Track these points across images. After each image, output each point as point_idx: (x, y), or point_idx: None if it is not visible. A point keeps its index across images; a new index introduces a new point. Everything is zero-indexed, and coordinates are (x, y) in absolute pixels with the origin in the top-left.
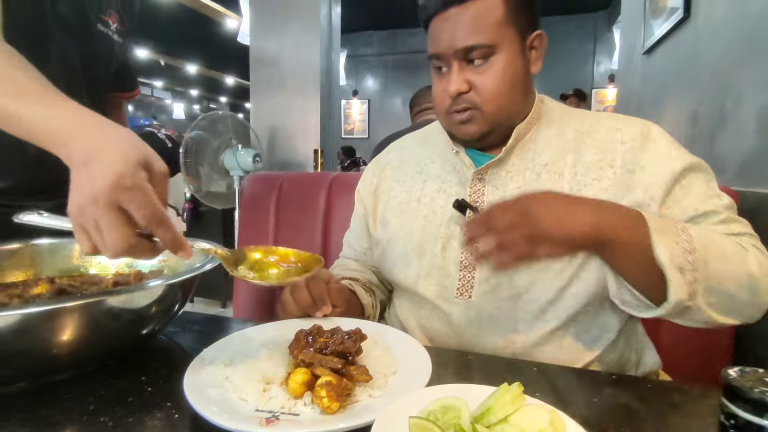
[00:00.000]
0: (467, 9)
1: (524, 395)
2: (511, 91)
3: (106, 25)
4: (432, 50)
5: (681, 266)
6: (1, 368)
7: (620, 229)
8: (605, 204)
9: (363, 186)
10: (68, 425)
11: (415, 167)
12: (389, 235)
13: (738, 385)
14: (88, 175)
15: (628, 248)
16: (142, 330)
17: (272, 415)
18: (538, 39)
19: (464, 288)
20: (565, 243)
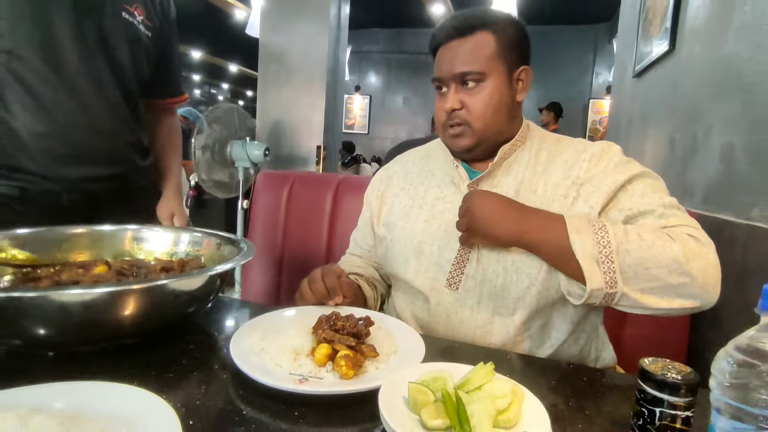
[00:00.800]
0: (466, 42)
1: (494, 372)
2: (496, 113)
3: (132, 15)
4: (436, 74)
5: (597, 259)
6: (91, 332)
7: (541, 231)
8: (532, 210)
9: (371, 191)
10: (143, 378)
11: (418, 178)
12: (393, 235)
13: (647, 369)
14: None
15: (550, 247)
16: (190, 308)
17: (302, 377)
18: (524, 73)
19: (453, 281)
20: (491, 239)
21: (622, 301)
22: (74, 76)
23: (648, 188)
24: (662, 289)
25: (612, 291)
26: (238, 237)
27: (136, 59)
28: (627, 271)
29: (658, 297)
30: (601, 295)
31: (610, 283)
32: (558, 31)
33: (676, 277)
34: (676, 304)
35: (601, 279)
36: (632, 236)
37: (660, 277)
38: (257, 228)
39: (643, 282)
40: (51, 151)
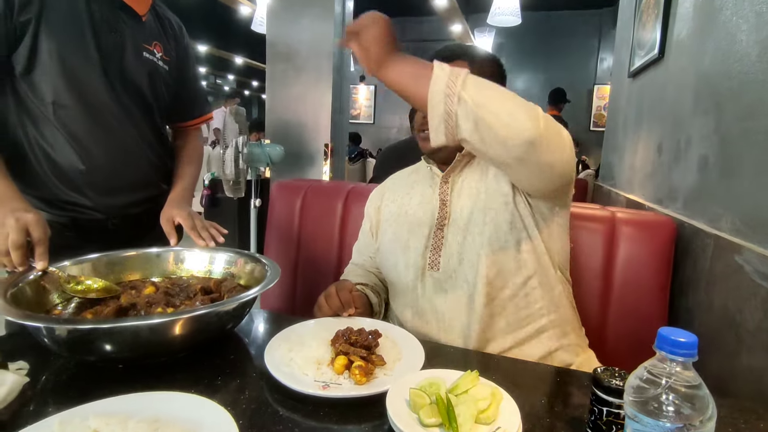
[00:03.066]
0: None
1: (479, 377)
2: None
3: (151, 53)
4: None
5: (446, 71)
6: (155, 349)
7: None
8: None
9: (369, 205)
10: (197, 385)
11: (404, 189)
12: (386, 239)
13: (598, 376)
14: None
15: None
16: (229, 325)
17: (325, 383)
18: None
19: (433, 264)
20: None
21: (461, 110)
22: (107, 115)
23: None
24: (495, 107)
25: (451, 92)
26: (262, 257)
27: (158, 92)
28: (469, 81)
29: (490, 114)
30: (442, 96)
31: (451, 84)
32: (562, 16)
33: (509, 103)
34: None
35: (444, 80)
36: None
37: (495, 97)
38: (273, 236)
39: (478, 94)
40: (93, 185)
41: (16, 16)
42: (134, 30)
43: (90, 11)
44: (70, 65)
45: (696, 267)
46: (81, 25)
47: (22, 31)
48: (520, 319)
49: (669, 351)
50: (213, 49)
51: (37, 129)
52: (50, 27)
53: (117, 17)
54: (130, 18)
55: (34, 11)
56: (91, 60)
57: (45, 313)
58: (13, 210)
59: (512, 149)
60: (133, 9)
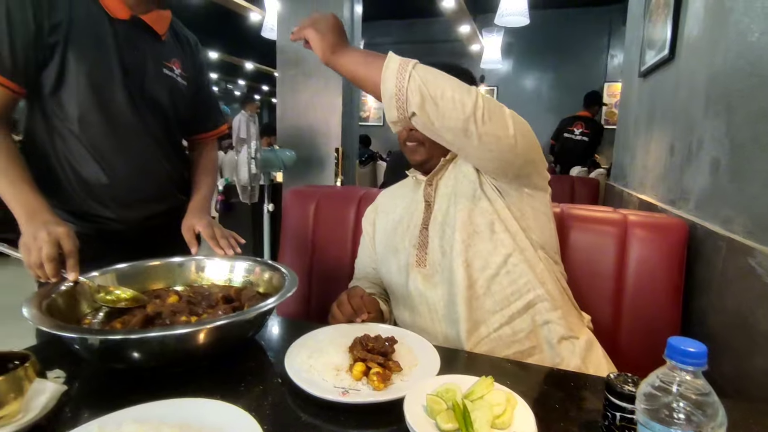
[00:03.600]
0: None
1: (494, 383)
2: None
3: (171, 70)
4: None
5: (397, 57)
6: (181, 357)
7: (352, 56)
8: (354, 48)
9: (365, 219)
10: (222, 391)
11: (393, 201)
12: (380, 249)
13: (611, 383)
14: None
15: (358, 66)
16: (250, 333)
17: (344, 389)
18: None
19: (420, 261)
20: (317, 38)
21: (411, 84)
22: (129, 131)
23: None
24: (442, 92)
25: (404, 70)
26: (280, 264)
27: (177, 107)
28: (418, 65)
29: (439, 100)
30: (394, 73)
31: (403, 67)
32: (572, 14)
33: (457, 91)
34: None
35: (397, 62)
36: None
37: (443, 84)
38: (287, 242)
39: (429, 72)
40: (116, 198)
41: (46, 39)
42: (154, 49)
43: (114, 32)
44: (95, 84)
45: (709, 269)
46: (106, 46)
47: (51, 53)
48: (507, 296)
49: (679, 360)
50: (223, 55)
51: (64, 145)
52: (78, 48)
53: (139, 37)
54: (151, 37)
55: (62, 34)
56: (115, 79)
57: (76, 322)
58: (45, 223)
59: (455, 121)
60: (153, 29)
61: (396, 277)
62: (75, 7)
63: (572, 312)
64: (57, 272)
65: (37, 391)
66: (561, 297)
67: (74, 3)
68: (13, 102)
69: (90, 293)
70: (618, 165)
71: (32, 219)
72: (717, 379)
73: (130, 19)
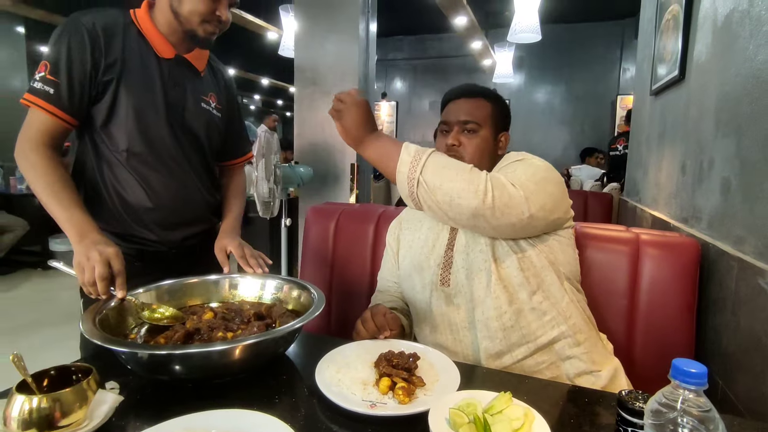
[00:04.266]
0: (471, 101)
1: (512, 398)
2: (481, 156)
3: (207, 104)
4: (444, 119)
5: (411, 154)
6: (222, 371)
7: (374, 147)
8: (376, 137)
9: (390, 234)
10: (259, 403)
11: (417, 217)
12: (405, 265)
13: (623, 399)
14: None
15: (379, 156)
16: (281, 348)
17: (372, 403)
18: (504, 137)
19: (444, 280)
20: (343, 131)
21: (420, 191)
22: (170, 160)
23: (521, 163)
24: (446, 185)
25: (413, 177)
26: (306, 282)
27: (212, 137)
28: (428, 165)
29: (441, 193)
30: (404, 176)
31: (413, 168)
32: (584, 28)
33: (459, 180)
34: (447, 199)
35: (408, 162)
36: (444, 157)
37: (448, 176)
38: (308, 259)
39: (434, 176)
40: (158, 221)
41: (101, 77)
42: (194, 84)
43: (160, 70)
44: (142, 118)
45: (722, 288)
46: (153, 82)
47: (104, 89)
48: (532, 331)
49: (682, 380)
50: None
51: (112, 172)
52: (128, 85)
53: (181, 74)
54: (191, 73)
55: (116, 72)
56: (159, 113)
57: (123, 336)
58: (95, 243)
59: (463, 220)
60: (194, 66)
61: (420, 295)
62: (128, 48)
63: (597, 345)
64: (107, 290)
65: (99, 402)
66: (587, 328)
67: (127, 44)
68: (66, 132)
69: (135, 310)
70: (631, 180)
71: (83, 239)
72: (731, 398)
73: (174, 57)
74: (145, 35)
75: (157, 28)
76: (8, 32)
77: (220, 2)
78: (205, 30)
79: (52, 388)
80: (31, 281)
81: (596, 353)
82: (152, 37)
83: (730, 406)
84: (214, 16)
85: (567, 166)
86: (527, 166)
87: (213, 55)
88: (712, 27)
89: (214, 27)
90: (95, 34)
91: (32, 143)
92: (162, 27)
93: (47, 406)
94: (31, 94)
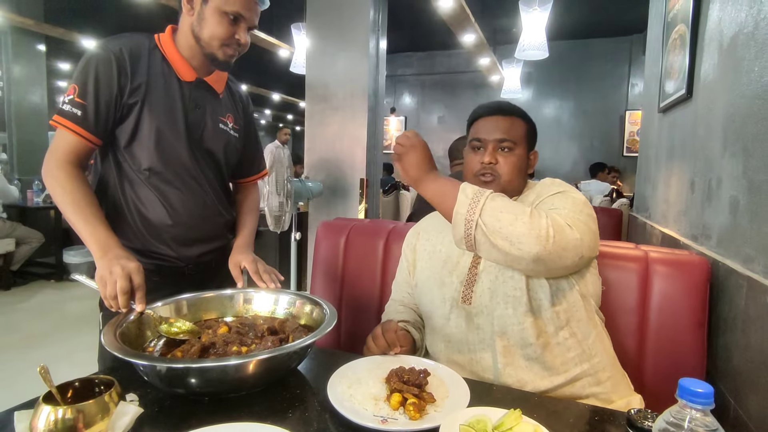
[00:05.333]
0: (507, 119)
1: (522, 415)
2: (518, 174)
3: (225, 125)
4: (476, 136)
5: (470, 196)
6: (237, 384)
7: (433, 186)
8: (434, 176)
9: (406, 245)
10: (273, 417)
11: (437, 228)
12: (423, 277)
13: (632, 417)
14: (111, 265)
15: (437, 195)
16: (294, 363)
17: (384, 418)
18: (533, 155)
19: (466, 297)
20: (404, 170)
21: (478, 234)
22: (189, 179)
23: (562, 196)
24: (505, 229)
25: (471, 218)
26: (318, 298)
27: (229, 157)
28: (487, 208)
29: (500, 237)
30: (462, 218)
31: (471, 210)
32: (592, 44)
33: (518, 225)
34: (508, 246)
35: (466, 204)
36: (502, 197)
37: (506, 219)
38: (319, 274)
39: (493, 221)
40: (176, 238)
41: (126, 99)
42: (213, 105)
43: (182, 93)
44: (164, 138)
45: (732, 307)
46: (174, 104)
47: (129, 111)
48: (555, 366)
49: (689, 400)
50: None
51: (133, 190)
52: (152, 107)
53: (201, 96)
54: (211, 96)
55: (141, 95)
56: (180, 134)
57: (141, 350)
58: (117, 257)
59: (522, 265)
60: (213, 88)
61: (438, 308)
62: (152, 72)
63: (619, 383)
64: (128, 303)
65: (120, 414)
66: (610, 366)
67: (152, 68)
68: (91, 152)
69: (153, 324)
70: (640, 196)
71: (106, 254)
72: (742, 416)
73: (195, 81)
74: (168, 59)
75: (180, 52)
76: (29, 50)
77: (240, 26)
78: (224, 53)
79: (76, 399)
80: (44, 293)
81: (616, 392)
82: (175, 61)
83: (741, 426)
84: (234, 39)
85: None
86: (572, 202)
87: (231, 76)
88: (718, 47)
89: (234, 50)
90: (122, 59)
91: (59, 162)
92: (184, 51)
93: (72, 417)
94: (60, 116)
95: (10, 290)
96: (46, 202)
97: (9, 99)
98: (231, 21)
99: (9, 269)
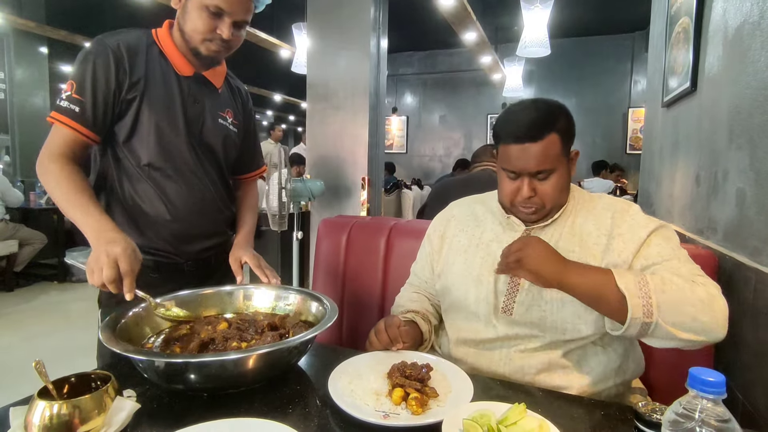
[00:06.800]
0: (538, 145)
1: (526, 410)
2: (560, 193)
3: (224, 120)
4: (508, 167)
5: (637, 294)
6: (236, 380)
7: (581, 277)
8: (573, 262)
9: (433, 231)
10: (273, 412)
11: (474, 221)
12: (455, 269)
13: (639, 410)
14: (98, 252)
15: (589, 288)
16: (295, 358)
17: (385, 413)
18: (575, 154)
19: (507, 308)
20: (535, 274)
21: (656, 332)
22: (189, 174)
23: (662, 240)
24: (688, 323)
25: (648, 321)
26: (320, 294)
27: (228, 152)
28: (661, 305)
29: (683, 330)
30: (639, 324)
31: (647, 314)
32: (594, 41)
33: (701, 315)
34: (693, 337)
35: (641, 310)
36: (666, 280)
37: (690, 313)
38: (320, 271)
39: (673, 316)
40: (176, 234)
41: (124, 95)
42: (212, 100)
43: (180, 88)
44: (163, 133)
45: (740, 299)
46: (173, 99)
47: (127, 107)
48: (583, 385)
49: (700, 389)
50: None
51: (132, 186)
52: (150, 103)
53: (200, 91)
54: (210, 90)
55: (139, 90)
56: (179, 128)
57: (140, 346)
58: (107, 242)
59: (696, 347)
60: (212, 83)
61: (473, 307)
62: (150, 67)
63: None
64: (119, 291)
65: (117, 409)
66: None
67: (150, 63)
68: (86, 147)
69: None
70: (644, 192)
71: (98, 239)
72: (751, 411)
73: (193, 75)
74: (166, 54)
75: (176, 46)
76: (32, 52)
77: (222, 21)
78: (207, 48)
79: (72, 394)
80: (48, 294)
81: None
82: (172, 56)
83: (749, 420)
84: (216, 34)
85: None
86: (675, 245)
87: (231, 72)
88: (723, 39)
89: (218, 46)
90: (120, 54)
91: (52, 155)
92: (180, 46)
93: (67, 413)
94: (56, 112)
95: (13, 291)
96: (49, 204)
97: (11, 101)
98: (212, 15)
99: (12, 270)
